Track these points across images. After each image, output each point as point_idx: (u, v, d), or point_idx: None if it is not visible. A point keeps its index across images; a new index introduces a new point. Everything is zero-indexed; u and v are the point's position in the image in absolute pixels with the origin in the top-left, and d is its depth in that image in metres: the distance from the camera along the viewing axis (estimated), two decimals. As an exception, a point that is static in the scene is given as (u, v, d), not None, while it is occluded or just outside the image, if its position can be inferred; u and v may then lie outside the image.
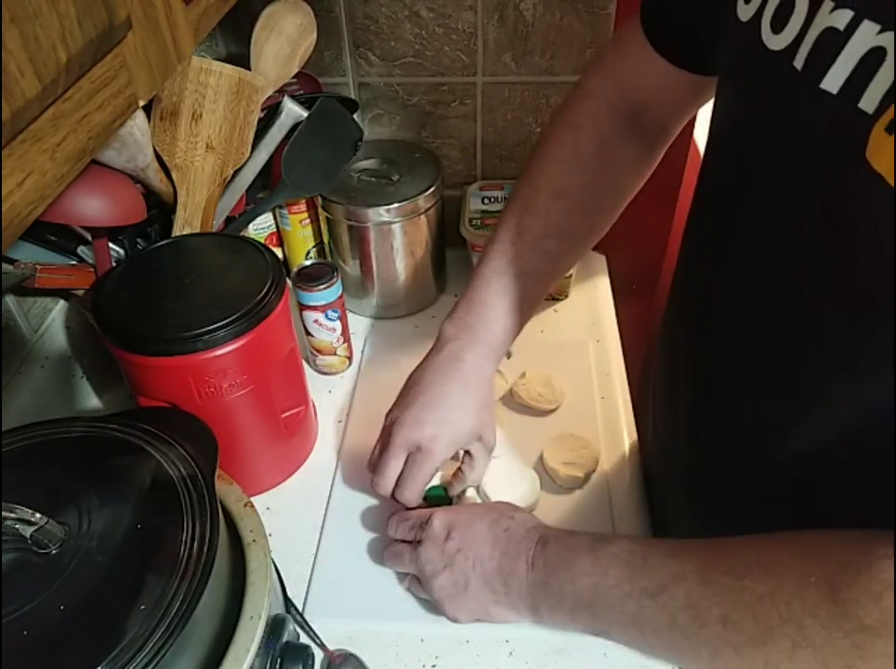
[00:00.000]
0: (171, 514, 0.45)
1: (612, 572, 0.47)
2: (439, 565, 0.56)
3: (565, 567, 0.50)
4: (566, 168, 0.62)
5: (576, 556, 0.50)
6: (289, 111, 0.79)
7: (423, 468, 0.61)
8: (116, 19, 0.35)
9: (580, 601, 0.49)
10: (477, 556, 0.55)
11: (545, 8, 0.86)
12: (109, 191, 0.65)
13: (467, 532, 0.56)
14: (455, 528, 0.57)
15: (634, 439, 0.78)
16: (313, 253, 0.97)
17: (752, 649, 0.39)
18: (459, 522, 0.57)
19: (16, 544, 0.42)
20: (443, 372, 0.62)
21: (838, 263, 0.39)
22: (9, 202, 0.29)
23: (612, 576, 0.47)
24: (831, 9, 0.35)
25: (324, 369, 0.87)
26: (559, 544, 0.52)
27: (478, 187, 0.98)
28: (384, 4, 0.86)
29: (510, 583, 0.53)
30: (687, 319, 0.58)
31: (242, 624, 0.47)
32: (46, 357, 0.74)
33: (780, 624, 0.38)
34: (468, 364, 0.62)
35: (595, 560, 0.49)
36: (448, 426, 0.61)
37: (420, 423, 0.61)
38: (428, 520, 0.58)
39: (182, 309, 0.61)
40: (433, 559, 0.57)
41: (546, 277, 0.65)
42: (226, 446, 0.52)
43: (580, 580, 0.49)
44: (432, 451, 0.60)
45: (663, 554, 0.46)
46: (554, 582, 0.51)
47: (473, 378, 0.62)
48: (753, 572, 0.40)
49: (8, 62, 0.27)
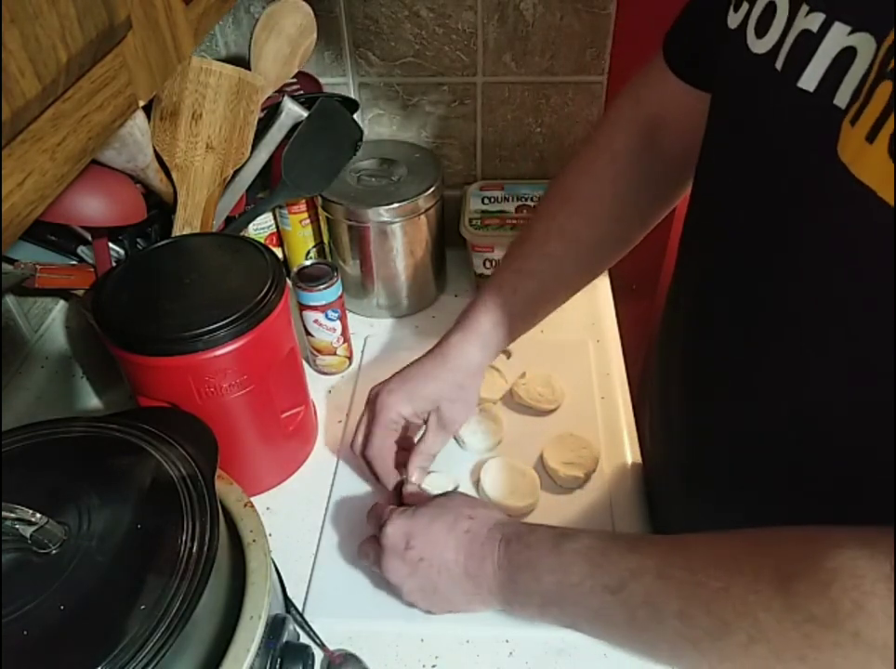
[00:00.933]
0: (171, 514, 0.45)
1: (574, 569, 0.48)
2: (403, 573, 0.57)
3: (529, 567, 0.51)
4: (578, 176, 0.65)
5: (539, 554, 0.51)
6: (289, 111, 0.79)
7: (377, 418, 0.64)
8: (116, 19, 0.35)
9: (546, 598, 0.50)
10: (441, 563, 0.55)
11: (545, 8, 0.86)
12: (109, 191, 0.65)
13: (426, 540, 0.56)
14: (413, 536, 0.56)
15: (634, 439, 0.78)
16: (313, 253, 0.97)
17: (709, 644, 0.40)
18: (416, 529, 0.57)
19: (16, 544, 0.42)
20: (428, 352, 0.67)
21: (826, 260, 0.40)
22: (9, 202, 0.29)
23: (574, 573, 0.48)
24: (806, 13, 0.38)
25: (324, 369, 0.87)
26: (520, 542, 0.53)
27: (478, 187, 0.99)
28: (384, 4, 0.87)
29: (480, 584, 0.54)
30: (684, 319, 0.58)
31: (242, 624, 0.47)
32: (45, 357, 0.74)
33: (735, 619, 0.38)
34: (452, 346, 0.65)
35: (557, 558, 0.49)
36: (407, 384, 0.65)
37: (386, 382, 0.66)
38: (382, 528, 0.58)
39: (182, 309, 0.60)
40: (396, 568, 0.57)
41: (545, 277, 0.65)
42: (226, 446, 0.52)
43: (544, 578, 0.50)
44: (385, 402, 0.64)
45: (622, 549, 0.47)
46: (520, 581, 0.51)
47: (452, 356, 0.65)
48: (708, 567, 0.41)
49: (8, 62, 0.27)
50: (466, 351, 0.65)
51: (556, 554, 0.50)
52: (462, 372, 0.65)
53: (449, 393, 0.65)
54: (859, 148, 0.34)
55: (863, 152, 0.33)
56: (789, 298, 0.43)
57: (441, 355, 0.66)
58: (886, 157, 0.32)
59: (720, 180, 0.50)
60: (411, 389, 0.65)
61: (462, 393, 0.66)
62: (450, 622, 0.59)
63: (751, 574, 0.38)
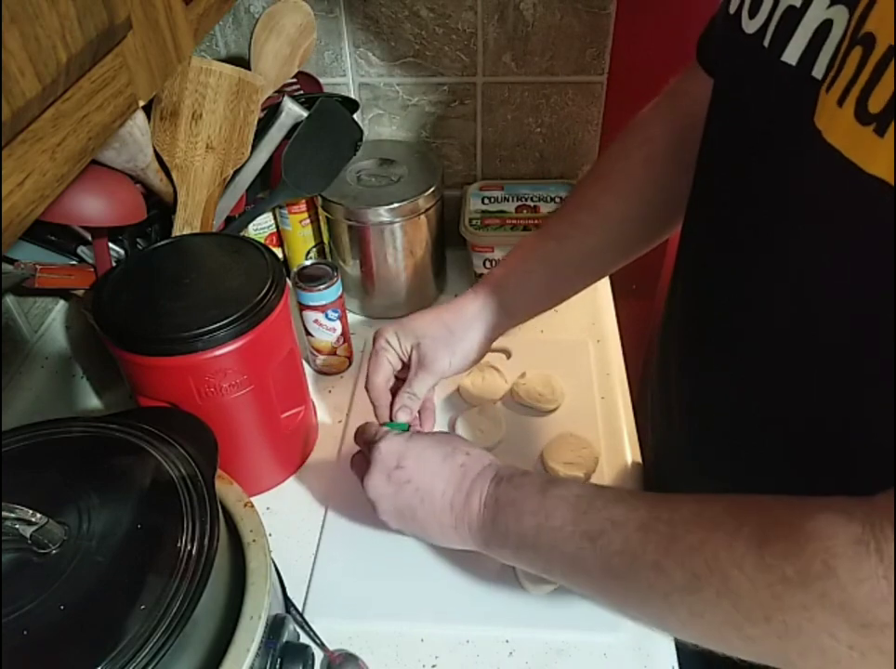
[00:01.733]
0: (171, 514, 0.45)
1: (556, 514, 0.48)
2: (385, 491, 0.55)
3: (512, 506, 0.51)
4: (611, 156, 0.66)
5: (525, 495, 0.51)
6: (289, 111, 0.79)
7: (375, 352, 0.65)
8: (116, 20, 0.35)
9: (524, 540, 0.49)
10: (427, 490, 0.54)
11: (545, 8, 0.86)
12: (109, 191, 0.65)
13: (418, 463, 0.55)
14: (406, 457, 0.56)
15: (634, 439, 0.78)
16: (313, 253, 0.97)
17: (679, 597, 0.40)
18: (410, 451, 0.56)
19: (16, 544, 0.42)
20: None
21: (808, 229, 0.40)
22: (9, 202, 0.29)
23: (556, 517, 0.48)
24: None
25: (324, 369, 0.87)
26: (510, 483, 0.52)
27: (478, 187, 0.99)
28: (384, 4, 0.87)
29: (461, 519, 0.53)
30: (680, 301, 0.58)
31: (242, 624, 0.47)
32: (45, 357, 0.74)
33: (707, 574, 0.38)
34: (461, 298, 0.66)
35: (542, 501, 0.49)
36: (403, 321, 0.66)
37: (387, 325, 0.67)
38: (376, 444, 0.57)
39: (182, 309, 0.60)
40: (378, 485, 0.56)
41: (567, 241, 0.65)
42: (226, 446, 0.52)
43: (525, 519, 0.49)
44: (379, 333, 0.65)
45: (608, 500, 0.47)
46: (501, 519, 0.51)
47: (451, 303, 0.66)
48: (688, 523, 0.41)
49: (8, 62, 0.27)
50: (465, 298, 0.66)
51: (541, 497, 0.49)
52: (452, 313, 0.65)
53: (433, 331, 0.65)
54: (831, 113, 0.35)
55: (834, 117, 0.34)
56: (777, 272, 0.43)
57: (445, 307, 0.66)
58: (853, 119, 0.33)
59: (712, 159, 0.51)
60: (403, 322, 0.66)
61: (447, 335, 0.65)
62: (450, 622, 0.59)
63: (730, 532, 0.38)
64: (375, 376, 0.65)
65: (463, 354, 0.65)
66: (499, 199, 0.96)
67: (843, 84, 0.34)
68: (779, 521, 0.37)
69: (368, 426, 0.62)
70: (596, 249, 0.65)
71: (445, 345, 0.65)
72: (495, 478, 0.53)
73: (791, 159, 0.40)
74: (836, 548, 0.33)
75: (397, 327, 0.65)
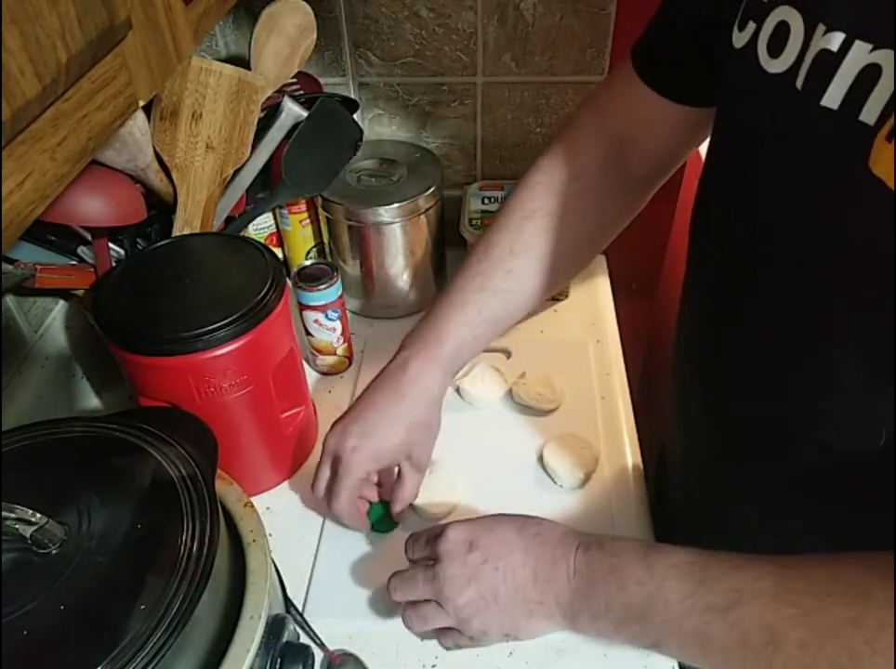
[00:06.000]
0: (171, 514, 0.45)
1: (669, 584, 0.44)
2: (462, 581, 0.51)
3: (614, 574, 0.47)
4: (541, 191, 0.63)
5: (626, 562, 0.47)
6: (289, 111, 0.79)
7: (343, 480, 0.60)
8: (116, 20, 0.35)
9: (630, 611, 0.46)
10: (508, 564, 0.50)
11: (545, 8, 0.86)
12: (109, 191, 0.65)
13: (491, 541, 0.52)
14: (478, 537, 0.52)
15: (634, 439, 0.78)
16: (313, 253, 0.97)
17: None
18: (480, 531, 0.52)
19: (16, 544, 0.42)
20: (385, 382, 0.62)
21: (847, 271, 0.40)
22: (9, 202, 0.29)
23: (669, 588, 0.44)
24: (824, 32, 0.38)
25: (324, 369, 0.87)
26: (603, 549, 0.49)
27: (478, 187, 0.98)
28: (384, 4, 0.86)
29: (547, 591, 0.49)
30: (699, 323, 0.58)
31: (242, 624, 0.47)
32: (45, 357, 0.74)
33: (869, 655, 0.36)
34: (411, 375, 0.61)
35: (648, 569, 0.45)
36: (370, 439, 0.60)
37: (346, 433, 0.61)
38: (443, 533, 0.53)
39: (182, 309, 0.60)
40: (455, 576, 0.51)
41: (508, 296, 0.62)
42: (226, 446, 0.52)
43: (631, 589, 0.45)
44: (350, 463, 0.60)
45: (726, 568, 0.43)
46: (601, 588, 0.47)
47: (412, 392, 0.61)
48: (832, 595, 0.38)
49: (8, 62, 0.27)
50: (426, 384, 0.61)
51: (645, 564, 0.46)
52: (423, 408, 0.61)
53: (417, 438, 0.62)
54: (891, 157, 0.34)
55: None
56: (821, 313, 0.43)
57: (398, 390, 0.61)
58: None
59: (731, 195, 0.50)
60: (377, 445, 0.60)
61: (428, 430, 0.63)
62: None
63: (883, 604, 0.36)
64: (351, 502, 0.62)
65: (438, 428, 0.65)
66: (499, 199, 0.96)
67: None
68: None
69: (419, 532, 0.57)
70: (532, 293, 0.64)
71: (430, 438, 0.64)
72: (582, 546, 0.50)
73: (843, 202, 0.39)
74: None
75: (373, 453, 0.60)
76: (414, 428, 0.61)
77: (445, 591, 0.51)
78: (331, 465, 0.62)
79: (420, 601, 0.54)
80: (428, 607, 0.54)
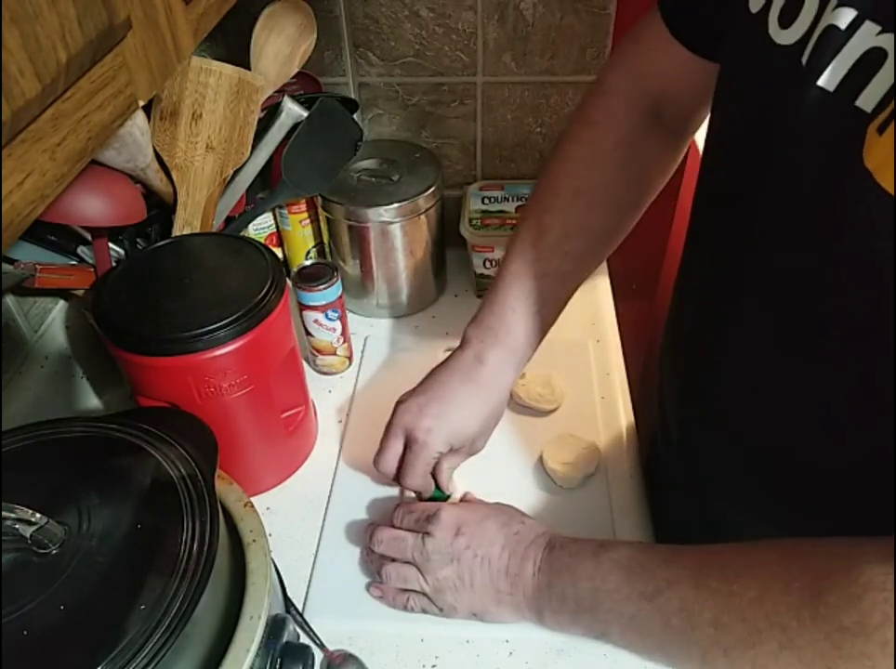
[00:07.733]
0: (171, 514, 0.45)
1: (611, 577, 0.49)
2: (446, 558, 0.57)
3: (568, 571, 0.52)
4: (585, 165, 0.61)
5: (579, 561, 0.52)
6: (289, 111, 0.79)
7: (418, 458, 0.61)
8: (116, 19, 0.35)
9: (581, 604, 0.51)
10: (486, 554, 0.56)
11: (545, 8, 0.86)
12: (109, 191, 0.65)
13: (477, 531, 0.57)
14: (466, 525, 0.57)
15: (634, 439, 0.78)
16: (313, 253, 0.97)
17: (740, 651, 0.41)
18: (469, 520, 0.58)
19: (16, 544, 0.42)
20: (462, 370, 0.62)
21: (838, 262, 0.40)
22: (9, 202, 0.28)
23: (611, 581, 0.49)
24: (835, 6, 0.36)
25: (324, 369, 0.87)
26: (564, 549, 0.54)
27: (478, 187, 0.99)
28: (384, 4, 0.86)
29: (516, 585, 0.55)
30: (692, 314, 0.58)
31: (242, 624, 0.47)
32: (45, 357, 0.74)
33: (767, 627, 0.39)
34: (489, 367, 0.61)
35: (596, 565, 0.50)
36: (448, 423, 0.61)
37: (422, 413, 0.61)
38: (436, 514, 0.58)
39: (182, 309, 0.60)
40: (440, 551, 0.57)
41: (568, 278, 0.63)
42: (226, 446, 0.52)
43: (581, 584, 0.51)
44: (427, 443, 0.60)
45: (658, 560, 0.48)
46: (557, 585, 0.52)
47: (490, 383, 0.62)
48: (742, 577, 0.42)
49: (8, 62, 0.27)
50: (504, 377, 0.62)
51: (594, 561, 0.51)
52: (498, 402, 0.63)
53: (487, 428, 0.64)
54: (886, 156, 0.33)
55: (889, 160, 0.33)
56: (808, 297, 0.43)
57: (476, 382, 0.61)
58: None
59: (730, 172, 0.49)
60: (454, 431, 0.61)
61: (496, 422, 0.65)
62: (450, 622, 0.59)
63: (783, 585, 0.39)
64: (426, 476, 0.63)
65: None
66: (499, 199, 0.96)
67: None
68: (827, 572, 0.38)
69: (414, 505, 0.62)
70: (590, 269, 0.65)
71: (493, 429, 0.65)
72: (548, 546, 0.55)
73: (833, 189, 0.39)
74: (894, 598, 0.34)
75: (448, 435, 0.61)
76: (488, 419, 0.63)
77: (430, 560, 0.57)
78: (404, 442, 0.63)
79: (401, 561, 0.59)
80: (410, 569, 0.59)
